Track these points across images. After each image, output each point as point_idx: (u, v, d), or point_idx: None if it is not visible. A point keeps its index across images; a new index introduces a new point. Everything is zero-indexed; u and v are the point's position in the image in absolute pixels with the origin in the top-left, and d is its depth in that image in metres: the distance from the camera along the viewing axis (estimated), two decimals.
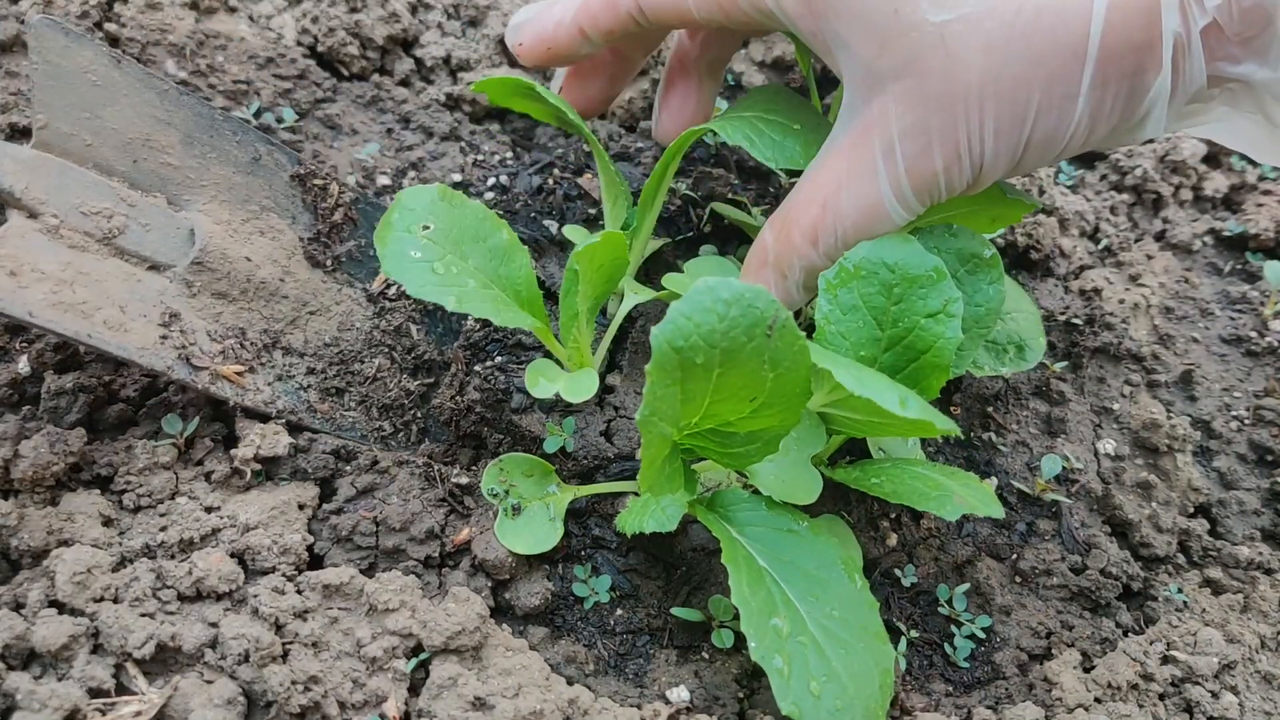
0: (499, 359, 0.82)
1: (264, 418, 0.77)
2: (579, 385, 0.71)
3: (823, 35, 0.64)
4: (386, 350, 0.85)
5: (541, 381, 0.72)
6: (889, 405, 0.56)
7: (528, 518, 0.72)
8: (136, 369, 0.74)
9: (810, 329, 0.77)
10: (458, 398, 0.79)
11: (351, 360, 0.83)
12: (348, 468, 0.77)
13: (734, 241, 0.96)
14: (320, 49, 1.10)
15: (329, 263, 0.86)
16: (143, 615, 0.63)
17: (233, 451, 0.74)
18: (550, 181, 0.96)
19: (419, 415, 0.83)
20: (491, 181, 1.02)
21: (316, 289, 0.84)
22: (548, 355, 0.78)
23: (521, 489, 0.73)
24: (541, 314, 0.72)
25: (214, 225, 0.80)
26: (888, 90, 0.61)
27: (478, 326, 0.84)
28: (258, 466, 0.74)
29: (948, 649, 0.77)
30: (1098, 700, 0.73)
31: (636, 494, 0.74)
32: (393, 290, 0.88)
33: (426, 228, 0.67)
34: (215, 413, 0.79)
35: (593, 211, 0.93)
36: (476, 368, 0.82)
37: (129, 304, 0.73)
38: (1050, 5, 0.57)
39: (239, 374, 0.75)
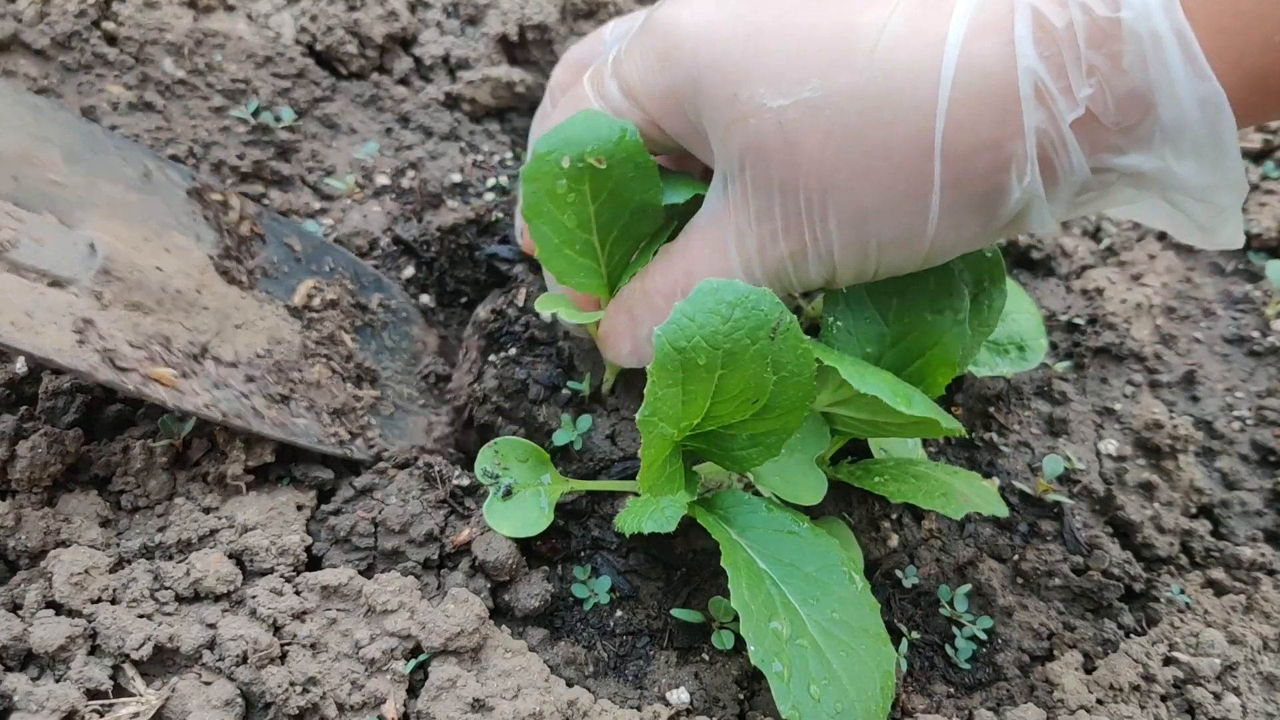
0: (512, 351, 0.82)
1: (211, 421, 0.71)
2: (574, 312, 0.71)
3: (687, 134, 0.62)
4: (324, 359, 0.81)
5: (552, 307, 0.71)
6: (894, 403, 0.56)
7: (518, 501, 0.71)
8: (55, 369, 0.67)
9: (811, 329, 0.77)
10: (475, 385, 0.78)
11: (290, 369, 0.78)
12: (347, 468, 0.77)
13: None
14: (319, 47, 1.10)
15: (244, 279, 0.81)
16: (140, 616, 0.63)
17: (220, 470, 0.73)
18: None
19: (374, 422, 0.80)
20: (491, 182, 1.01)
21: (237, 304, 0.78)
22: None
23: (515, 473, 0.72)
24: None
25: (114, 240, 0.73)
26: (742, 174, 0.59)
27: (492, 318, 0.83)
28: (250, 479, 0.73)
29: (949, 650, 0.77)
30: (1099, 702, 0.72)
31: (636, 494, 0.74)
32: (317, 302, 0.84)
33: (588, 175, 0.64)
34: None
35: None
36: (492, 358, 0.81)
37: (36, 312, 0.65)
38: (890, 96, 0.51)
39: (173, 378, 0.69)
